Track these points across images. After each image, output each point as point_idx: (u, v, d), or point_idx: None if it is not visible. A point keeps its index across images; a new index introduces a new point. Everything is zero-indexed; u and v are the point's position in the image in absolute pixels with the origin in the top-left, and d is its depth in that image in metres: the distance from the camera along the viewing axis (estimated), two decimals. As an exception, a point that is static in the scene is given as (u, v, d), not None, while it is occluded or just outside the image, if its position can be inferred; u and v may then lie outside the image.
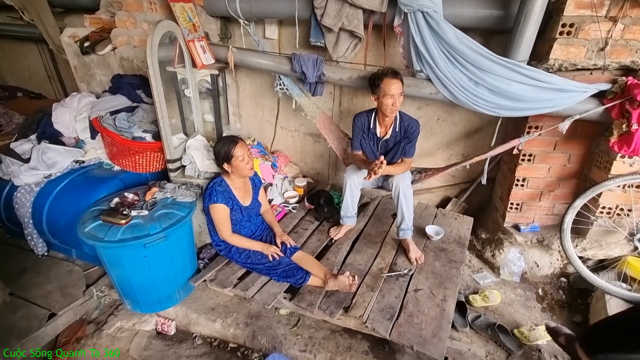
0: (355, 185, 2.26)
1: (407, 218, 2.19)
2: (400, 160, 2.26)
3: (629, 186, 2.04)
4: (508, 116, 1.98)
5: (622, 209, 2.10)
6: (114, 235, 1.77)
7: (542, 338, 1.91)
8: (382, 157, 2.00)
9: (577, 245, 2.22)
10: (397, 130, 2.18)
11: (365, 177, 2.16)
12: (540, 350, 1.89)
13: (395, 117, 2.17)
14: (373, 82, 2.05)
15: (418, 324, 1.79)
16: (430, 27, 1.89)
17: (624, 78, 1.80)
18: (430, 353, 1.64)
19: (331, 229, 2.48)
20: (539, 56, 1.94)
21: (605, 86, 1.83)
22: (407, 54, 2.09)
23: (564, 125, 1.91)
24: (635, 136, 1.77)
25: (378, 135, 2.22)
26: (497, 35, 2.13)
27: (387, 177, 2.28)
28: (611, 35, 1.78)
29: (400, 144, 2.20)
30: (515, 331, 1.97)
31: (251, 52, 2.43)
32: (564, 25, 1.80)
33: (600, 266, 2.22)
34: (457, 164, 2.27)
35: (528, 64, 1.88)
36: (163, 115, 2.13)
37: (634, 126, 1.75)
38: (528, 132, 2.10)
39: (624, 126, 1.79)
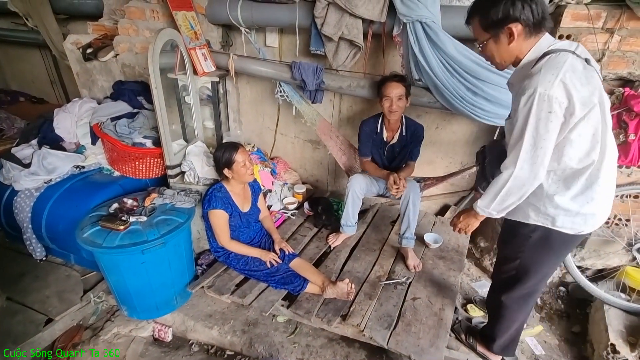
0: (357, 195, 2.27)
1: (412, 227, 2.19)
2: (404, 165, 2.29)
3: (626, 196, 2.04)
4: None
5: (620, 219, 2.10)
6: (112, 241, 1.78)
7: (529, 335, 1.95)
8: (395, 175, 2.10)
9: (575, 255, 2.21)
10: (404, 134, 2.20)
11: (391, 197, 2.23)
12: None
13: (402, 121, 2.19)
14: (378, 86, 2.10)
15: (416, 332, 1.78)
16: (428, 37, 1.91)
17: (621, 89, 1.82)
18: (427, 362, 1.64)
19: (330, 235, 2.48)
20: (536, 66, 1.96)
21: (603, 97, 1.84)
22: (406, 63, 2.11)
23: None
24: (633, 146, 1.78)
25: (385, 140, 2.24)
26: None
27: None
28: (608, 47, 1.80)
29: (407, 148, 2.22)
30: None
31: (252, 60, 2.45)
32: (561, 37, 1.82)
33: (599, 276, 2.21)
34: (456, 174, 2.28)
35: (526, 74, 1.89)
36: (163, 122, 2.14)
37: (631, 136, 1.76)
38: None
39: (621, 136, 1.80)
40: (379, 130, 2.23)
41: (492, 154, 1.45)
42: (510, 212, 1.38)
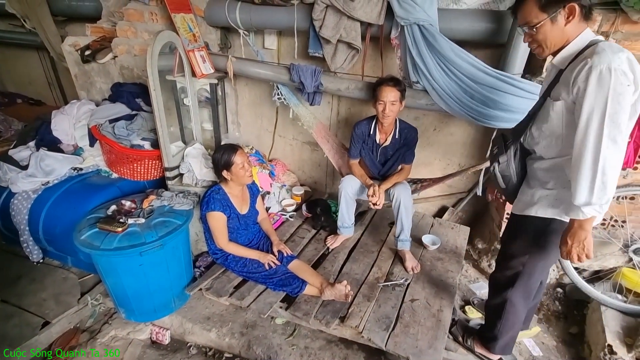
0: (350, 196, 2.27)
1: (406, 229, 2.20)
2: (400, 168, 2.28)
3: (622, 198, 2.06)
4: (503, 127, 2.00)
5: (616, 221, 2.11)
6: (110, 243, 1.77)
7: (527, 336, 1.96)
8: (375, 187, 2.10)
9: (572, 256, 2.22)
10: (396, 137, 2.21)
11: (369, 206, 2.20)
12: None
13: (395, 124, 2.20)
14: (373, 88, 2.10)
15: (414, 334, 1.78)
16: (426, 39, 1.93)
17: (616, 91, 1.83)
18: (426, 364, 1.64)
19: (328, 237, 2.48)
20: (532, 69, 1.98)
21: (598, 99, 1.86)
22: (404, 66, 2.12)
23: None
24: (628, 148, 1.79)
25: (377, 142, 2.25)
26: (492, 49, 2.16)
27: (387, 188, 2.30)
28: (603, 50, 1.81)
29: (400, 151, 2.23)
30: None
31: (250, 62, 2.46)
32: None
33: (596, 277, 2.22)
34: (453, 175, 2.28)
35: (522, 77, 1.91)
36: (162, 124, 2.15)
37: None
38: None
39: (616, 138, 1.81)
40: (371, 133, 2.23)
41: (515, 141, 1.42)
42: (525, 208, 1.39)
